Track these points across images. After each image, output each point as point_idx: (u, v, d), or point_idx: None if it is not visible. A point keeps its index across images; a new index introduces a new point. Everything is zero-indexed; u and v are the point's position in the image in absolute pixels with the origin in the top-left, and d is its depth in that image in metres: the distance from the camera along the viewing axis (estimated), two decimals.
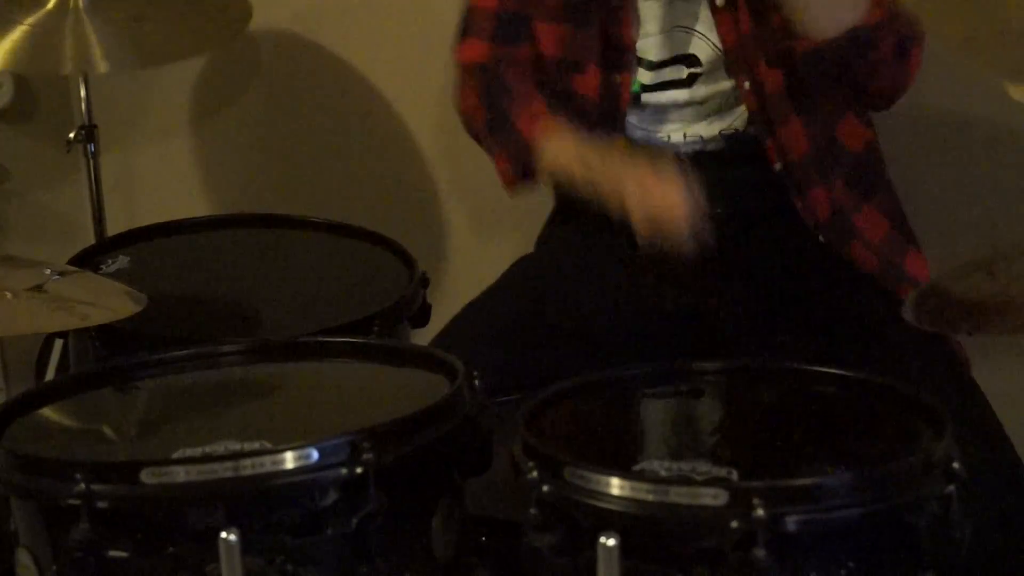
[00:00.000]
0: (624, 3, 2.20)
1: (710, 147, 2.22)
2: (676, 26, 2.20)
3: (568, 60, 2.24)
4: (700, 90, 2.21)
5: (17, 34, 2.54)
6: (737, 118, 2.21)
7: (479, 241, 2.87)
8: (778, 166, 2.20)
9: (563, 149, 2.15)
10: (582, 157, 2.12)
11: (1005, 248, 1.90)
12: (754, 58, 2.18)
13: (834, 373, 1.82)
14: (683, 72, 2.21)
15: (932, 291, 1.73)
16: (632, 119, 2.24)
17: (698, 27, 2.19)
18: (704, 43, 2.20)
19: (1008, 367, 2.52)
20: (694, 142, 2.22)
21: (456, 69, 2.33)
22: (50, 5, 2.56)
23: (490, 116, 2.27)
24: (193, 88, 3.00)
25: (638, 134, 2.24)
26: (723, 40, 2.18)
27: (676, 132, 2.23)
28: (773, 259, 2.21)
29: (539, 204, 2.43)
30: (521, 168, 2.22)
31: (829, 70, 2.10)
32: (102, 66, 2.53)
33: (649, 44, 2.21)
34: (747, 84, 2.19)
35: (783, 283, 2.20)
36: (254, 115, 2.98)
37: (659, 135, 2.24)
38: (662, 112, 2.23)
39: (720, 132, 2.22)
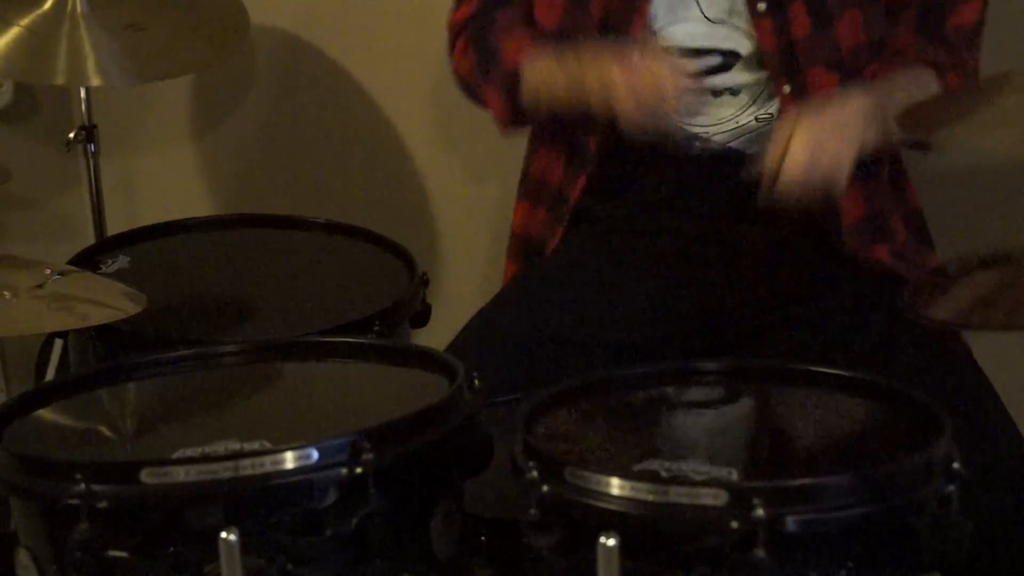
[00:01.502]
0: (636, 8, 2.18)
1: (741, 139, 2.21)
2: (714, 18, 2.17)
3: (565, 30, 2.22)
4: (737, 77, 2.19)
5: (10, 37, 2.49)
6: (775, 104, 2.19)
7: (479, 241, 2.87)
8: None
9: (545, 64, 2.17)
10: (562, 64, 2.14)
11: (1006, 245, 1.91)
12: (804, 63, 2.16)
13: (835, 373, 1.82)
14: (717, 59, 2.18)
15: (929, 283, 1.73)
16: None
17: (736, 21, 2.17)
18: (743, 37, 2.17)
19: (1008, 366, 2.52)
20: (727, 133, 2.20)
21: (448, 32, 2.33)
22: (46, 7, 2.52)
23: (478, 57, 2.27)
24: (193, 88, 3.00)
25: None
26: (763, 43, 2.16)
27: (712, 127, 2.20)
28: (782, 259, 2.21)
29: None
30: (511, 99, 2.22)
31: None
32: (96, 79, 2.49)
33: (680, 32, 2.18)
34: (787, 88, 2.17)
35: (792, 284, 2.20)
36: (254, 115, 2.98)
37: (696, 127, 2.20)
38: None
39: (756, 117, 2.20)
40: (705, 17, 2.17)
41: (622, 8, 2.18)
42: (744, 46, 2.18)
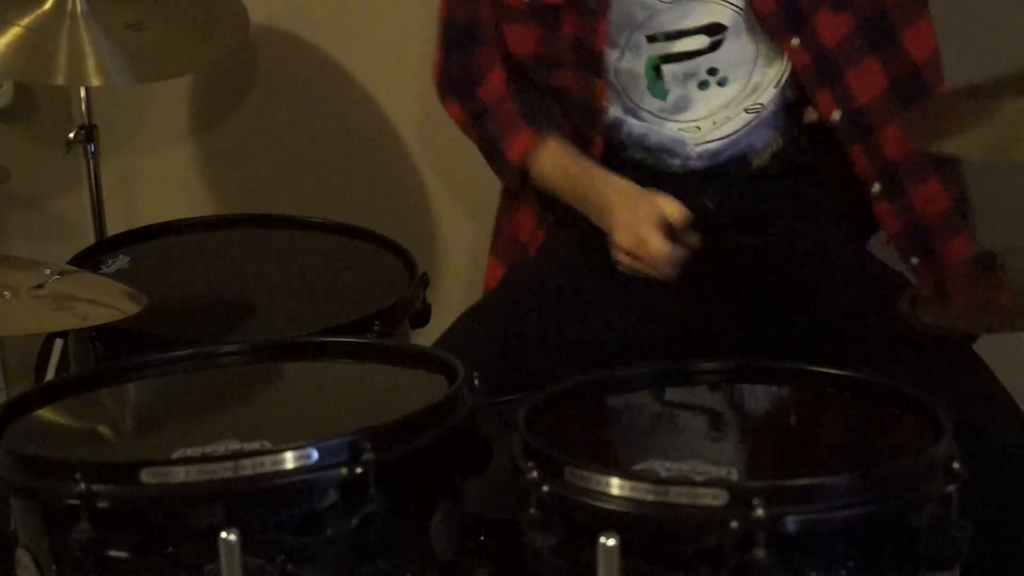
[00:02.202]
0: (596, 11, 2.17)
1: (733, 134, 2.21)
2: None
3: (543, 57, 2.24)
4: (726, 56, 2.18)
5: (10, 36, 2.48)
6: (763, 92, 2.19)
7: (479, 241, 2.87)
8: (836, 116, 2.16)
9: (552, 171, 2.22)
10: (570, 179, 2.19)
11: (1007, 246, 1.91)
12: (808, 7, 2.13)
13: (834, 373, 1.82)
14: (704, 41, 2.18)
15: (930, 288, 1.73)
16: (651, 109, 2.22)
17: None
18: (723, 8, 2.16)
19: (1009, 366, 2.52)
20: (715, 137, 2.20)
21: (435, 87, 2.38)
22: (46, 7, 2.51)
23: (481, 139, 2.33)
24: (193, 88, 3.00)
25: (654, 131, 2.22)
26: (760, 8, 2.14)
27: (702, 120, 2.20)
28: (770, 262, 2.21)
29: None
30: (517, 186, 2.30)
31: None
32: (95, 79, 2.48)
33: (662, 17, 2.17)
34: (795, 41, 2.15)
35: (783, 285, 2.20)
36: (254, 115, 2.97)
37: (680, 124, 2.21)
38: (684, 99, 2.21)
39: (746, 108, 2.20)
40: None
41: (588, 22, 2.18)
42: (725, 15, 2.16)
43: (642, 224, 2.07)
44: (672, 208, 2.07)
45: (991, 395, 2.07)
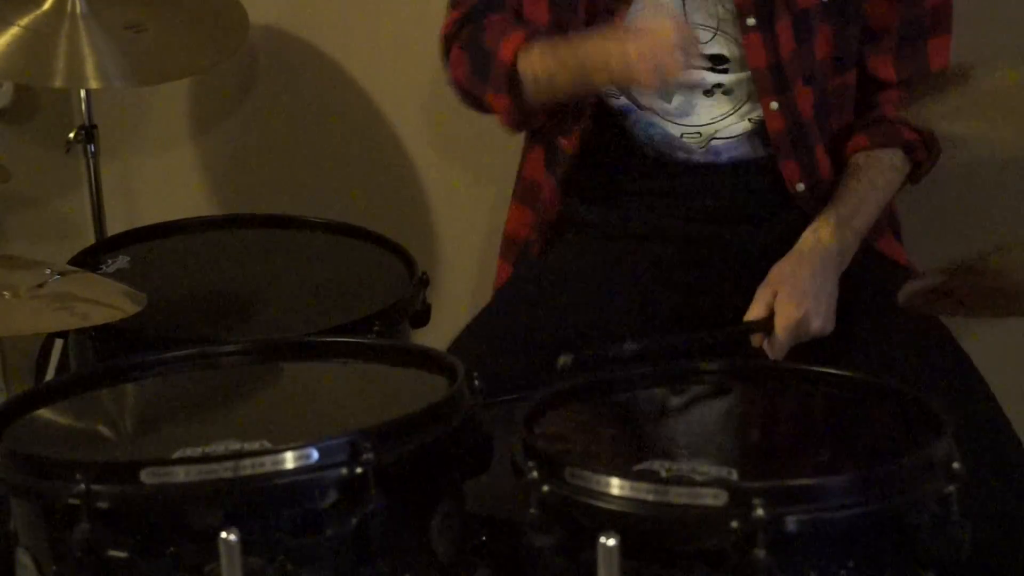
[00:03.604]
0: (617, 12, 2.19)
1: (733, 140, 2.22)
2: (698, 24, 2.18)
3: (555, 23, 2.24)
4: (729, 79, 2.20)
5: (9, 37, 2.47)
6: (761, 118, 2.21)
7: (479, 241, 2.87)
8: (800, 188, 2.22)
9: (540, 54, 2.18)
10: (558, 50, 2.16)
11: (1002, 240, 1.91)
12: (791, 77, 2.17)
13: (834, 373, 1.82)
14: (707, 64, 2.19)
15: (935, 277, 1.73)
16: (656, 109, 2.21)
17: (725, 28, 2.18)
18: (730, 43, 2.19)
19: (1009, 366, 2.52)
20: (717, 139, 2.22)
21: (441, 43, 2.33)
22: (46, 7, 2.51)
23: (473, 62, 2.27)
24: (193, 88, 3.00)
25: (658, 128, 2.23)
26: (751, 59, 2.17)
27: (704, 126, 2.21)
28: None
29: None
30: (513, 95, 2.22)
31: None
32: (94, 80, 2.48)
33: None
34: (775, 105, 2.18)
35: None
36: (254, 115, 2.98)
37: (683, 128, 2.22)
38: (688, 104, 2.21)
39: (748, 119, 2.21)
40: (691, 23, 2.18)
41: (605, 12, 2.19)
42: (732, 52, 2.19)
43: (657, 23, 2.07)
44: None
45: (973, 390, 2.10)
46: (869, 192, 2.21)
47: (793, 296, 2.08)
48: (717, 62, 2.19)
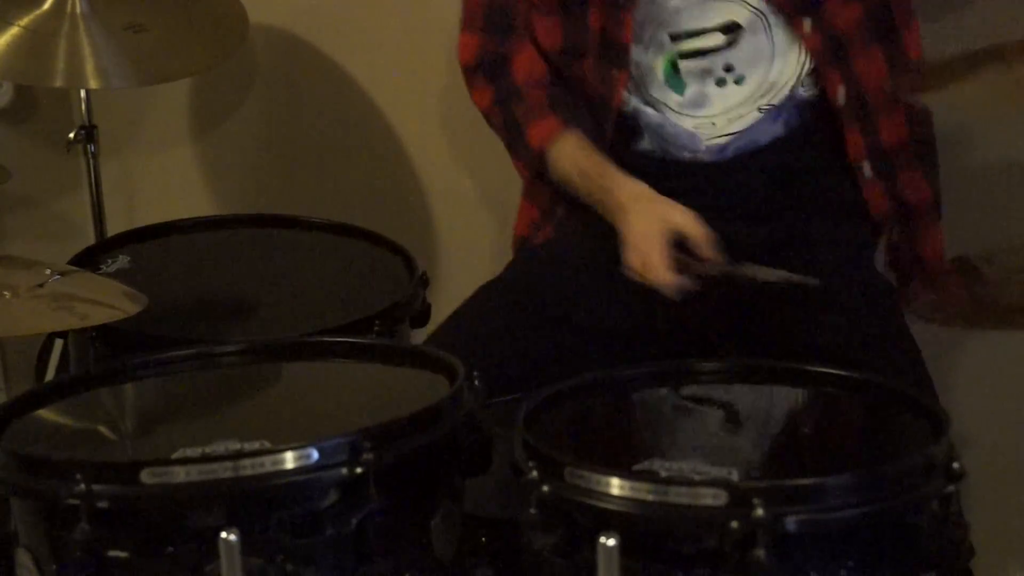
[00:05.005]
0: (623, 5, 2.19)
1: (746, 130, 2.22)
2: None
3: (568, 49, 2.25)
4: (740, 53, 2.19)
5: (9, 37, 2.46)
6: (778, 92, 2.20)
7: (479, 241, 2.87)
8: (840, 97, 2.19)
9: (570, 164, 2.22)
10: (584, 176, 2.20)
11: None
12: None
13: (834, 373, 1.83)
14: (721, 39, 2.19)
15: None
16: (668, 103, 2.22)
17: None
18: (741, 7, 2.18)
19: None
20: (727, 132, 2.21)
21: (462, 69, 2.35)
22: (46, 7, 2.50)
23: (504, 126, 2.31)
24: (193, 88, 3.00)
25: (670, 123, 2.23)
26: None
27: (717, 116, 2.22)
28: (773, 257, 2.21)
29: None
30: (535, 173, 2.29)
31: None
32: (94, 81, 2.47)
33: (684, 15, 2.19)
34: (807, 25, 2.18)
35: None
36: (254, 115, 2.97)
37: (696, 119, 2.22)
38: (701, 95, 2.22)
39: (759, 107, 2.21)
40: None
41: (614, 14, 2.20)
42: (742, 15, 2.18)
43: (652, 244, 2.07)
44: (691, 226, 2.08)
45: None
46: None
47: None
48: (728, 31, 2.18)
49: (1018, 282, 1.84)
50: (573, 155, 2.22)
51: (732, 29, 2.19)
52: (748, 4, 2.18)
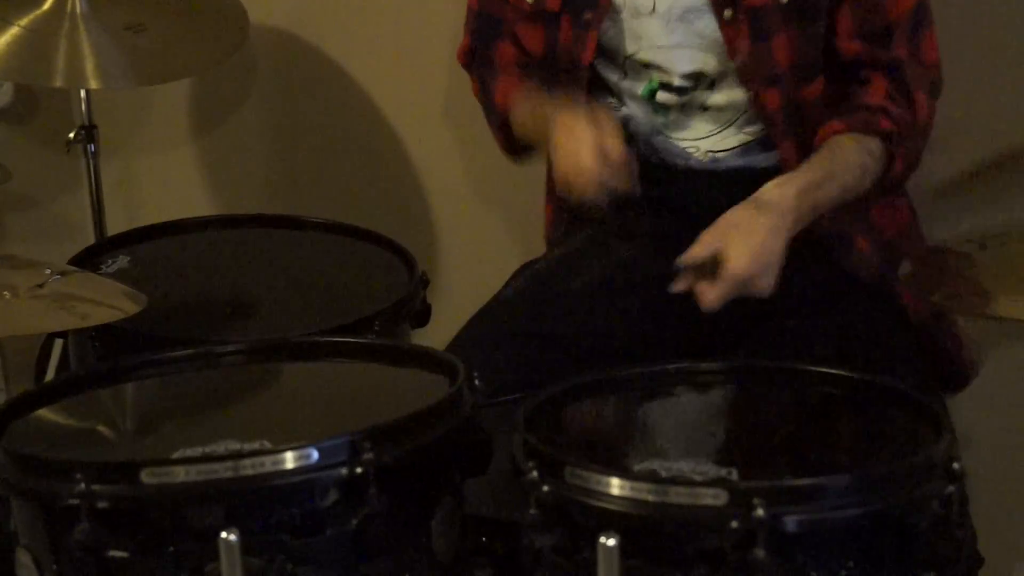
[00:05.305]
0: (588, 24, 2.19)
1: (728, 152, 2.22)
2: (680, 45, 2.18)
3: (549, 59, 2.27)
4: (717, 97, 2.20)
5: (9, 37, 2.47)
6: (759, 122, 2.21)
7: (479, 241, 2.87)
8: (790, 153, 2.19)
9: (525, 112, 2.23)
10: (534, 115, 2.20)
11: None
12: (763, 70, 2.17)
13: (834, 373, 1.82)
14: (694, 82, 2.20)
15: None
16: (653, 123, 2.23)
17: (704, 43, 2.18)
18: (712, 57, 2.18)
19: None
20: (716, 150, 2.22)
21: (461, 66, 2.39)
22: (46, 7, 2.51)
23: (483, 98, 2.34)
24: (193, 88, 3.00)
25: (659, 138, 2.24)
26: (733, 53, 2.16)
27: (701, 140, 2.22)
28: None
29: (539, 205, 2.43)
30: (507, 140, 2.31)
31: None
32: (94, 81, 2.48)
33: (652, 53, 2.20)
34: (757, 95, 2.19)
35: (785, 287, 2.20)
36: (254, 115, 2.98)
37: (681, 141, 2.23)
38: (683, 120, 2.22)
39: (743, 131, 2.22)
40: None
41: (578, 35, 2.21)
42: (710, 65, 2.18)
43: (581, 144, 2.06)
44: (613, 139, 2.05)
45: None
46: (840, 170, 2.11)
47: (748, 246, 1.98)
48: (696, 79, 2.19)
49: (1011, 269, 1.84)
50: (525, 102, 2.24)
51: (699, 78, 2.19)
52: (719, 57, 2.17)
